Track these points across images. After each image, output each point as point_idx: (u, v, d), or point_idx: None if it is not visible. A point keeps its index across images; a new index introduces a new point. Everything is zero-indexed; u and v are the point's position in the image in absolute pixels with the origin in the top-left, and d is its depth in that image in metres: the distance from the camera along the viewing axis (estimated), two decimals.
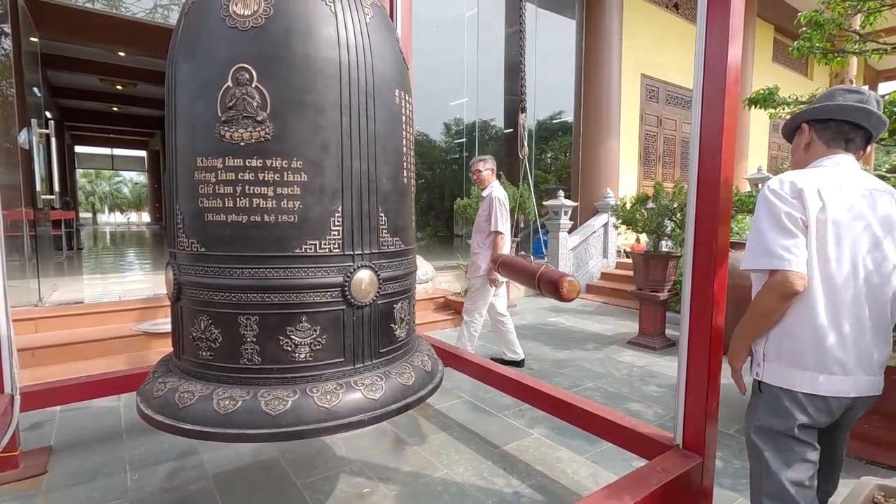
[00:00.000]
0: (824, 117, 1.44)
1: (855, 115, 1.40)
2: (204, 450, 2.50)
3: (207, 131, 1.44)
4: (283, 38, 1.42)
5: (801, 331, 1.36)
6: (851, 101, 1.40)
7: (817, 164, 1.44)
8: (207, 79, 1.45)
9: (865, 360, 1.37)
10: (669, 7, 9.57)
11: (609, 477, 2.30)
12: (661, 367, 3.95)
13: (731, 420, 2.92)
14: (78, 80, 10.92)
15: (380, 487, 2.21)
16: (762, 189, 1.41)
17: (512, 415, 3.00)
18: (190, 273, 1.52)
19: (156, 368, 1.69)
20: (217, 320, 1.47)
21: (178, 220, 1.55)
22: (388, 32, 1.67)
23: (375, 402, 1.49)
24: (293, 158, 1.44)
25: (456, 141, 9.64)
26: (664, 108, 9.68)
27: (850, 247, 1.33)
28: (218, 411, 1.37)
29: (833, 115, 1.42)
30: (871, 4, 3.02)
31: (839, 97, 1.43)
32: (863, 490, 1.63)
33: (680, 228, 4.33)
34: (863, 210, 1.35)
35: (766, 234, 1.34)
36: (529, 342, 4.73)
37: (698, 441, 1.71)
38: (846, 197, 1.34)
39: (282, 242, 1.45)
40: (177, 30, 1.56)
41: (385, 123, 1.62)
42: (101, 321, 4.01)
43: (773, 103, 3.34)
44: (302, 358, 1.47)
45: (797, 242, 1.31)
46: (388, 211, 1.65)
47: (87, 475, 2.29)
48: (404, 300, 1.77)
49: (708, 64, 1.60)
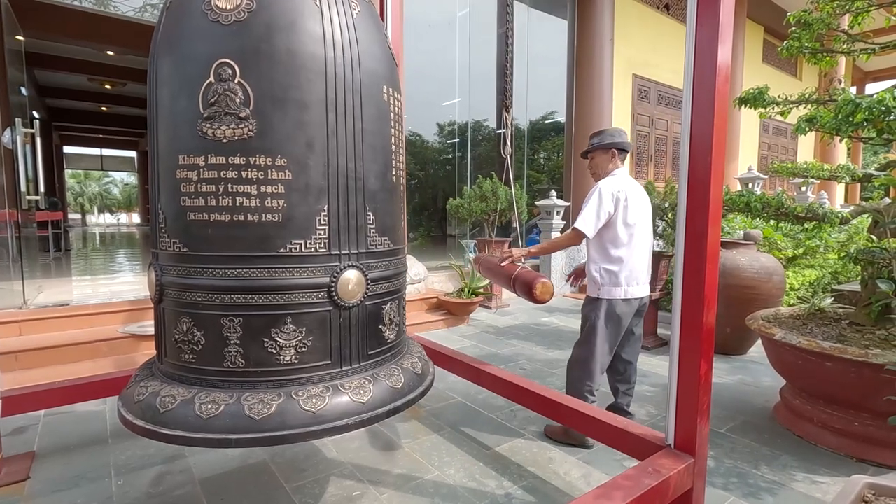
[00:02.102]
0: (622, 147, 2.65)
1: (627, 146, 2.69)
2: (191, 454, 2.46)
3: (189, 128, 1.41)
4: (267, 32, 1.39)
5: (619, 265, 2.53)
6: (625, 139, 2.69)
7: (616, 172, 2.64)
8: (189, 74, 1.41)
9: (644, 278, 2.60)
10: (661, 8, 9.62)
11: (601, 477, 2.28)
12: (652, 366, 3.95)
13: (723, 419, 2.92)
14: (66, 79, 10.80)
15: (370, 490, 2.18)
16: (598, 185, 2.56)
17: (504, 416, 2.98)
18: (172, 274, 1.49)
19: (138, 372, 1.66)
20: (200, 322, 1.44)
21: (159, 219, 1.52)
22: (375, 28, 1.64)
23: (363, 405, 1.47)
24: (277, 156, 1.41)
25: (448, 141, 9.63)
26: (656, 109, 9.72)
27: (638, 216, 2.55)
28: (200, 416, 1.33)
29: (625, 147, 2.68)
30: (860, 4, 3.03)
31: (620, 136, 2.67)
32: (853, 488, 1.62)
33: (671, 228, 4.34)
34: (640, 194, 2.61)
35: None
36: (521, 342, 4.72)
37: (690, 441, 1.70)
38: (633, 187, 2.59)
39: (266, 242, 1.42)
40: (158, 25, 1.53)
41: (373, 120, 1.59)
42: (88, 323, 3.94)
43: (763, 103, 3.35)
44: (287, 360, 1.44)
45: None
46: (376, 210, 1.62)
47: (71, 481, 2.24)
48: (393, 301, 1.74)
49: (698, 63, 1.59)
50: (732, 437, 2.71)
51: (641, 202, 2.61)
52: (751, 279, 3.94)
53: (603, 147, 2.66)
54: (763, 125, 12.57)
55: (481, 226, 6.96)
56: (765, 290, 3.96)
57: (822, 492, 2.18)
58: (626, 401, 2.76)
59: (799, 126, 3.02)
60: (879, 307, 2.70)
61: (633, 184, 2.63)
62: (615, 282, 2.53)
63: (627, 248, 2.55)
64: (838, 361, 2.39)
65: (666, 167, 10.05)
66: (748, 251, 4.14)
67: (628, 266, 2.54)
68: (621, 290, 2.54)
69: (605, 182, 2.57)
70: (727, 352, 4.18)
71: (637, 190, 2.62)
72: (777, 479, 2.29)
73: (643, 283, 2.61)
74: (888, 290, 1.51)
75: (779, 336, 2.68)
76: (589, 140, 2.77)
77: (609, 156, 2.67)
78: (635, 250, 2.56)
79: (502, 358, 4.20)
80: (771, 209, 3.07)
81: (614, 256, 2.53)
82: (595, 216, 2.50)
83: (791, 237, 5.56)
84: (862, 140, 3.05)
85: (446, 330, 5.27)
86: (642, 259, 2.60)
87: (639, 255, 2.58)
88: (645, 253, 2.63)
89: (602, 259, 2.57)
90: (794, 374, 2.76)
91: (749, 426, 2.85)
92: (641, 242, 2.59)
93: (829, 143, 3.32)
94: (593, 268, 2.60)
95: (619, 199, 2.52)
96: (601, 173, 2.69)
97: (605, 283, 2.54)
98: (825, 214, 3.02)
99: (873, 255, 2.64)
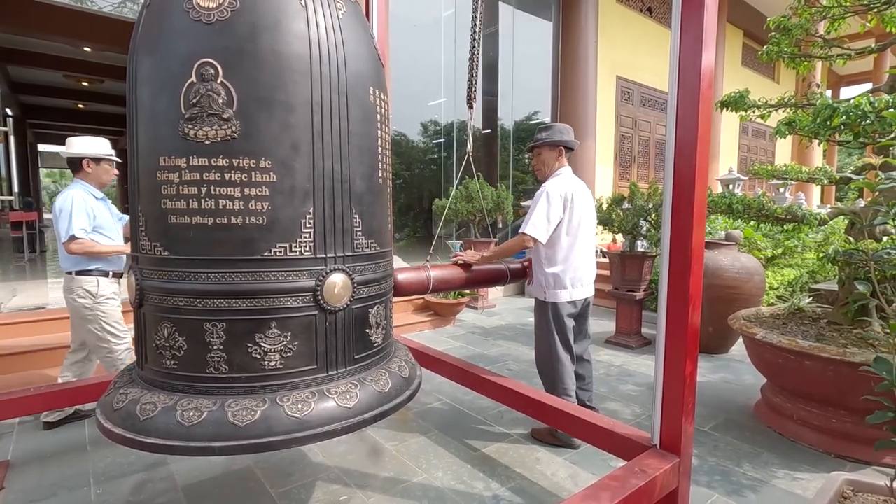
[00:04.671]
0: (569, 146, 2.62)
1: (575, 145, 2.65)
2: (173, 461, 2.41)
3: (170, 129, 1.38)
4: (251, 32, 1.36)
5: (564, 268, 2.53)
6: (573, 137, 2.64)
7: (561, 171, 2.59)
8: (170, 74, 1.38)
9: (588, 278, 2.60)
10: (643, 11, 9.74)
11: (588, 478, 2.30)
12: (637, 365, 4.00)
13: (706, 417, 2.96)
14: (41, 75, 10.50)
15: (357, 494, 2.16)
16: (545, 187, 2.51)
17: (491, 417, 2.99)
18: (152, 277, 1.45)
19: (117, 378, 1.61)
20: (181, 327, 1.40)
21: (139, 222, 1.48)
22: (361, 28, 1.63)
23: (349, 410, 1.45)
24: (261, 158, 1.38)
25: (434, 141, 9.61)
26: (639, 110, 9.84)
27: (583, 216, 2.54)
28: (182, 423, 1.30)
29: (573, 146, 2.64)
30: (836, 11, 3.11)
31: (569, 134, 2.61)
32: (832, 485, 1.66)
33: (655, 228, 4.39)
34: (585, 193, 2.59)
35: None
36: (508, 342, 4.73)
37: (675, 441, 1.72)
38: (579, 187, 2.57)
39: (250, 245, 1.39)
40: (138, 22, 1.49)
41: (359, 122, 1.57)
42: (64, 328, 3.81)
43: (744, 106, 3.41)
44: (272, 366, 1.42)
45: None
46: (362, 212, 1.60)
47: (48, 490, 2.18)
48: (380, 304, 1.73)
49: (682, 66, 1.60)
50: (715, 435, 2.75)
51: (586, 202, 2.58)
52: (732, 279, 4.01)
53: (550, 144, 2.58)
54: (742, 127, 12.81)
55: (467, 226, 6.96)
56: (746, 290, 4.03)
57: (802, 488, 2.22)
58: (586, 396, 2.74)
59: (779, 129, 3.08)
60: (856, 307, 2.77)
61: (579, 183, 2.59)
62: (560, 285, 2.52)
63: (571, 251, 2.52)
64: (817, 360, 2.44)
65: (649, 168, 10.18)
66: (730, 251, 4.22)
67: (573, 268, 2.52)
68: (566, 292, 2.52)
69: (553, 183, 2.50)
70: (709, 351, 4.25)
71: (582, 189, 2.58)
72: (759, 476, 2.33)
73: (587, 284, 2.61)
74: (866, 291, 1.55)
75: (760, 335, 2.73)
76: (535, 134, 2.68)
77: (556, 153, 2.60)
78: (579, 252, 2.53)
79: (489, 359, 4.21)
80: (752, 211, 3.13)
81: (559, 259, 2.51)
82: (546, 220, 2.44)
83: (770, 238, 5.68)
84: (838, 143, 3.12)
85: (433, 331, 5.26)
86: (586, 260, 2.58)
87: (582, 257, 2.55)
88: (589, 254, 2.60)
89: (548, 263, 2.54)
90: (775, 372, 2.81)
91: (731, 424, 2.90)
92: (585, 243, 2.57)
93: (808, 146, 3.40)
94: (538, 272, 2.58)
95: (567, 201, 2.47)
96: (547, 171, 2.61)
97: (549, 287, 2.54)
98: (804, 216, 3.08)
99: (851, 256, 2.71)
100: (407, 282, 2.22)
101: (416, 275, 2.28)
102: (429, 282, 2.32)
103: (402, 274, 2.21)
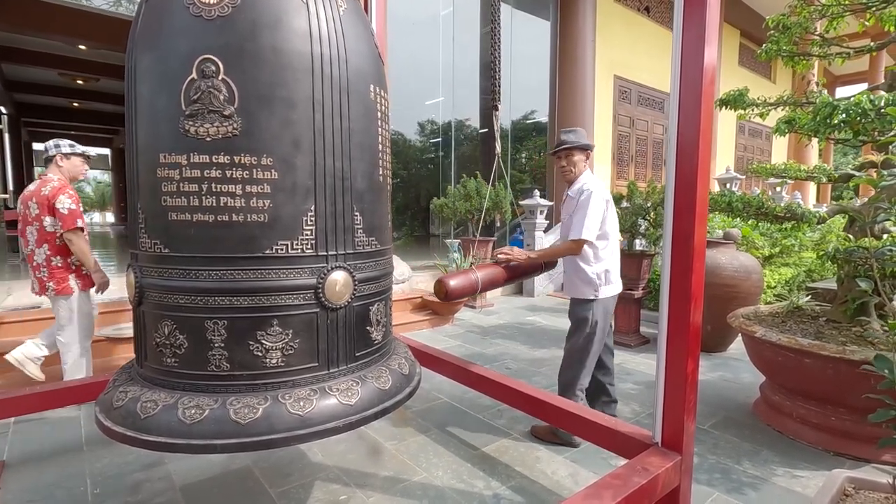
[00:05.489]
0: (591, 149, 2.71)
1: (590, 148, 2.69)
2: (171, 460, 2.40)
3: (170, 126, 1.37)
4: (251, 28, 1.35)
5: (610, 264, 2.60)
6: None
7: (587, 173, 2.64)
8: (170, 70, 1.37)
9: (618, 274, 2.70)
10: (641, 10, 9.75)
11: (589, 476, 2.30)
12: (636, 364, 4.00)
13: (705, 415, 2.97)
14: (36, 73, 10.45)
15: (357, 494, 2.15)
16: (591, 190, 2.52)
17: (491, 415, 2.98)
18: (153, 275, 1.44)
19: (116, 377, 1.60)
20: (182, 325, 1.39)
21: (139, 219, 1.47)
22: (362, 25, 1.62)
23: (351, 407, 1.44)
24: (263, 155, 1.37)
25: (431, 140, 9.60)
26: (636, 109, 9.85)
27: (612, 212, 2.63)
28: (184, 421, 1.29)
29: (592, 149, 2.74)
30: (834, 10, 3.11)
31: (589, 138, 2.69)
32: (834, 483, 1.66)
33: (653, 227, 4.39)
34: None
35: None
36: (506, 341, 4.73)
37: (677, 439, 1.71)
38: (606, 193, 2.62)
39: (251, 243, 1.39)
40: (137, 18, 1.48)
41: (360, 119, 1.56)
42: None
43: (743, 104, 3.41)
44: (273, 363, 1.41)
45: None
46: (363, 210, 1.59)
47: (45, 490, 2.16)
48: (380, 302, 1.72)
49: (684, 64, 1.60)
50: (715, 433, 2.76)
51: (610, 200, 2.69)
52: (731, 277, 4.02)
53: (580, 147, 2.63)
54: (739, 127, 12.85)
55: (465, 225, 6.96)
56: (744, 289, 4.04)
57: (801, 486, 2.22)
58: (607, 380, 2.79)
59: (778, 128, 3.08)
60: (855, 305, 2.78)
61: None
62: (609, 280, 2.59)
63: (613, 247, 2.63)
64: (817, 358, 2.45)
65: (647, 167, 10.19)
66: (728, 250, 4.23)
67: (615, 263, 2.65)
68: (614, 287, 2.62)
69: (593, 185, 2.55)
70: (708, 349, 4.25)
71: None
72: (759, 473, 2.33)
73: (619, 279, 2.73)
74: (867, 288, 1.55)
75: (759, 333, 2.73)
76: (560, 136, 2.68)
77: (585, 156, 2.66)
78: (614, 248, 2.67)
79: (488, 357, 4.21)
80: (752, 209, 3.13)
81: (605, 256, 2.58)
82: (597, 224, 2.51)
83: (768, 236, 5.69)
84: (837, 142, 3.13)
85: (431, 330, 5.26)
86: (618, 256, 2.73)
87: (617, 253, 2.70)
88: (619, 250, 2.75)
89: (596, 260, 2.56)
90: (774, 370, 2.82)
91: (731, 422, 2.90)
92: (616, 240, 2.70)
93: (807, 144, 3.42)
94: (588, 270, 2.55)
95: (608, 202, 2.57)
96: (577, 173, 2.64)
97: (601, 284, 2.56)
98: (803, 214, 3.09)
99: (851, 253, 2.71)
100: (459, 287, 2.28)
101: (465, 278, 2.34)
102: (477, 283, 2.37)
103: (453, 280, 2.26)
